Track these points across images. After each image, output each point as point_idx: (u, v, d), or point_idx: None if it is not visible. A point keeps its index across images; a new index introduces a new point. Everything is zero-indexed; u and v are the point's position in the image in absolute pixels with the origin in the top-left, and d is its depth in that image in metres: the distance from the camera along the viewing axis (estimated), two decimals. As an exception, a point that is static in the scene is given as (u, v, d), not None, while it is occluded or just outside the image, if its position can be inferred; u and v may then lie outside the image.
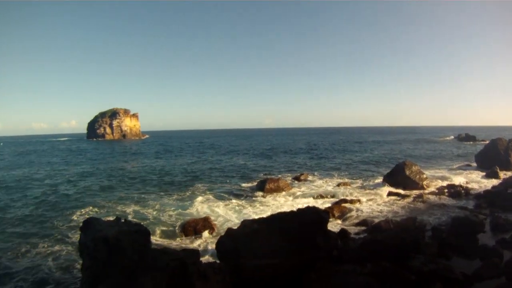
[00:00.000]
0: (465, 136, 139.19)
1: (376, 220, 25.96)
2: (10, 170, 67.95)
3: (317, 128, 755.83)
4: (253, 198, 36.68)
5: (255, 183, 44.57)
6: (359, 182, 44.90)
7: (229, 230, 16.53)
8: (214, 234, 24.89)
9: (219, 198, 37.42)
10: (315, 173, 53.70)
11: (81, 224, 14.97)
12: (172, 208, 33.03)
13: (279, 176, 49.42)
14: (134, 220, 26.18)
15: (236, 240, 15.31)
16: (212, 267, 11.74)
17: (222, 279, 11.76)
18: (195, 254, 11.92)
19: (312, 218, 16.07)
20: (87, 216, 29.29)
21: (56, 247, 23.61)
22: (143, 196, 39.26)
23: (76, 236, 25.12)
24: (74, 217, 30.80)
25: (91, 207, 34.22)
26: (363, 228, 24.94)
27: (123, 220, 13.43)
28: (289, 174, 53.39)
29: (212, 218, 28.20)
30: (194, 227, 26.00)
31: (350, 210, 29.92)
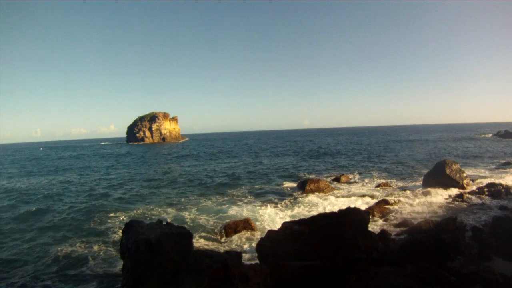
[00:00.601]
0: (505, 133, 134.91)
1: (416, 221, 25.66)
2: (51, 174, 69.60)
3: (355, 127, 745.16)
4: (294, 199, 36.64)
5: (295, 184, 44.86)
6: (399, 182, 44.33)
7: (270, 232, 16.64)
8: (255, 235, 25.08)
9: (260, 199, 37.69)
10: (355, 174, 53.40)
11: (121, 227, 15.24)
12: (213, 210, 33.46)
13: (320, 177, 49.45)
14: (174, 223, 26.57)
15: (276, 242, 15.40)
16: (253, 269, 11.78)
17: (262, 280, 11.81)
18: (238, 256, 11.97)
19: (353, 218, 16.10)
20: (127, 219, 30.34)
21: (95, 248, 24.38)
22: (183, 199, 39.78)
23: (115, 238, 26.15)
24: (113, 220, 31.65)
25: (130, 210, 35.07)
26: (403, 228, 24.57)
27: (165, 223, 13.52)
28: (329, 175, 53.34)
29: (253, 219, 28.41)
30: (235, 228, 26.31)
31: (391, 211, 29.73)
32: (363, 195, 36.87)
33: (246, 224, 26.84)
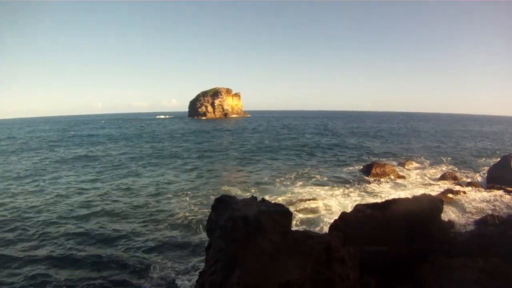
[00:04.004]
0: None
1: (481, 215, 25.27)
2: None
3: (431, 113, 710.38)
4: (359, 182, 36.86)
5: (361, 167, 44.94)
6: (464, 173, 43.61)
7: (343, 214, 16.38)
8: (322, 216, 25.42)
9: (326, 181, 38.04)
10: (421, 158, 53.14)
11: (210, 203, 15.36)
12: (278, 189, 34.03)
13: (384, 161, 49.75)
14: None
15: (348, 224, 15.19)
16: (348, 252, 11.18)
17: (354, 264, 11.36)
18: (339, 238, 11.36)
19: (427, 206, 15.63)
20: (189, 198, 31.77)
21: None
22: (247, 177, 40.66)
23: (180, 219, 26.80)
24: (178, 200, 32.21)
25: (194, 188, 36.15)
26: (468, 221, 24.40)
27: (260, 199, 12.79)
28: (393, 159, 53.81)
29: (319, 200, 28.84)
30: (306, 209, 26.88)
31: (455, 201, 29.26)
32: (428, 183, 36.66)
33: (313, 204, 27.43)
